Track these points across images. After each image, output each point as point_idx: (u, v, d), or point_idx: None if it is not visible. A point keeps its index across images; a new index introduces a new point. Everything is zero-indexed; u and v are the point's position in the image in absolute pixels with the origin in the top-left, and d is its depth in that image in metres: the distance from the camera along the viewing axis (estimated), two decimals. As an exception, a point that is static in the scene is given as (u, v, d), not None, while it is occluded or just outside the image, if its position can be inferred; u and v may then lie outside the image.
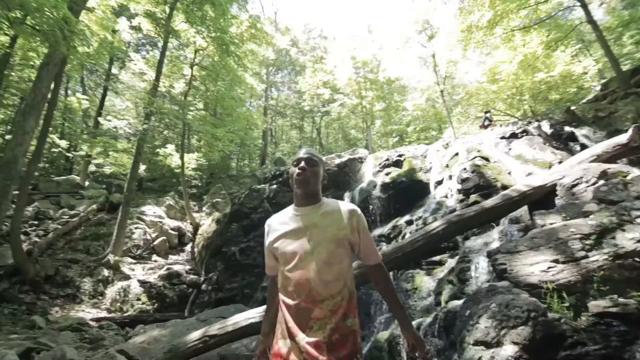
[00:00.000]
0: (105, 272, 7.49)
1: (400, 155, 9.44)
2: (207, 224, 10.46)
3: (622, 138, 4.89)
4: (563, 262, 2.94)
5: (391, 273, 6.46)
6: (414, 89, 22.32)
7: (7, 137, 13.22)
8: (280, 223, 1.52)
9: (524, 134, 7.48)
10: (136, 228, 9.51)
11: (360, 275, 4.11)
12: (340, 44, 21.15)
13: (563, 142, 7.09)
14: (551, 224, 3.54)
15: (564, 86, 12.40)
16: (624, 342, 2.26)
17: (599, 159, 4.88)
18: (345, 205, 1.53)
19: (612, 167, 4.22)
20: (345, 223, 1.44)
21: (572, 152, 6.51)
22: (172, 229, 10.30)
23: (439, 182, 7.81)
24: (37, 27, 6.74)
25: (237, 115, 15.29)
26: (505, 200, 4.71)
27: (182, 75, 15.19)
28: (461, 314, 3.16)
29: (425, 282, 5.73)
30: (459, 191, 6.79)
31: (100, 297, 6.99)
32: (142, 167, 11.56)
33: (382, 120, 21.31)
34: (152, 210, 10.53)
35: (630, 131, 4.86)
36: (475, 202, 5.91)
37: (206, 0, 11.19)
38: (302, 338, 1.28)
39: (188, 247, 10.23)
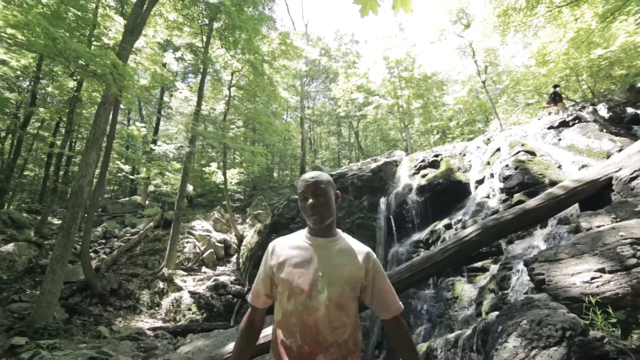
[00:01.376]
0: (161, 285, 8.20)
1: (436, 155, 9.01)
2: (250, 235, 10.93)
3: (696, 117, 4.15)
4: (610, 272, 2.56)
5: (430, 280, 6.17)
6: (454, 82, 21.13)
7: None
8: (290, 248, 1.35)
9: (576, 121, 6.68)
10: (187, 242, 10.28)
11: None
12: (372, 46, 20.89)
13: (625, 126, 6.20)
14: (598, 226, 3.11)
15: (628, 60, 10.81)
16: (686, 368, 1.90)
17: (667, 144, 4.19)
18: (361, 246, 1.39)
19: (681, 154, 3.60)
20: (361, 264, 1.30)
21: (636, 137, 5.66)
22: (218, 242, 10.95)
23: (480, 182, 7.30)
24: (95, 72, 7.77)
25: (274, 129, 15.88)
26: (550, 200, 4.24)
27: (223, 96, 16.26)
28: (494, 330, 2.91)
29: (466, 290, 5.38)
30: (502, 190, 6.28)
31: (156, 308, 7.67)
32: (190, 187, 12.50)
33: (421, 118, 20.52)
34: (200, 225, 11.32)
35: None
36: (519, 202, 5.42)
37: (236, 27, 11.88)
38: None
39: (234, 258, 10.78)
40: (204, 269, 9.91)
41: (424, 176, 8.41)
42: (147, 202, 15.67)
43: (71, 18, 9.44)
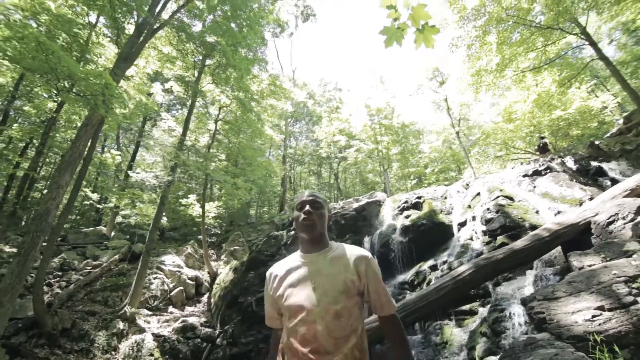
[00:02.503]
0: (121, 325, 7.33)
1: (419, 197, 9.24)
2: (225, 272, 10.29)
3: (656, 170, 4.59)
4: (610, 310, 2.60)
5: (417, 324, 5.95)
6: (429, 132, 22.59)
7: (45, 191, 14.23)
8: (284, 270, 1.43)
9: (548, 171, 7.20)
10: (155, 278, 9.48)
11: (377, 328, 3.81)
12: (354, 95, 22.32)
13: (591, 177, 6.74)
14: (590, 265, 3.21)
15: (583, 122, 12.14)
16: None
17: (633, 193, 4.56)
18: (354, 250, 1.43)
19: (651, 202, 3.91)
20: (352, 268, 1.34)
21: (602, 187, 6.14)
22: (189, 279, 10.18)
23: (462, 224, 7.47)
24: (81, 94, 7.59)
25: (257, 164, 15.86)
26: (536, 241, 4.38)
27: (207, 129, 16.27)
28: (498, 373, 2.79)
29: (455, 334, 5.21)
30: (484, 233, 6.44)
31: (113, 352, 6.75)
32: (164, 218, 11.88)
33: (399, 164, 21.39)
34: (171, 260, 10.56)
35: (664, 163, 4.57)
36: (503, 244, 5.55)
37: (229, 65, 12.30)
38: None
39: (205, 298, 9.98)
40: (171, 308, 9.05)
41: (407, 217, 8.52)
42: (112, 233, 14.60)
43: (63, 40, 9.42)
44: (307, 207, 1.42)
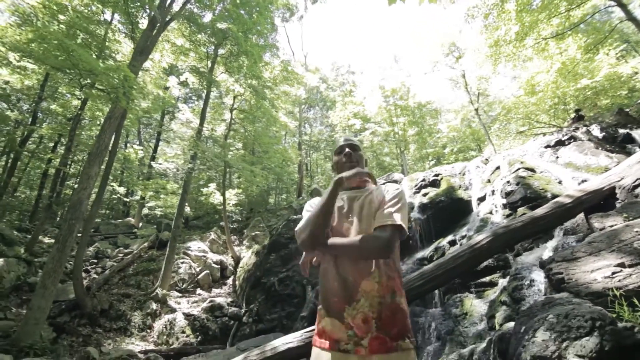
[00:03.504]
0: (154, 306, 7.81)
1: (436, 175, 9.12)
2: (247, 256, 10.66)
3: (689, 130, 4.35)
4: (630, 266, 2.56)
5: (436, 297, 6.01)
6: (447, 111, 21.97)
7: (76, 186, 15.07)
8: None
9: (572, 140, 6.92)
10: (182, 263, 9.96)
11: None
12: (368, 77, 21.89)
13: (619, 145, 6.43)
14: (611, 226, 3.14)
15: (612, 90, 11.45)
16: None
17: (663, 155, 4.34)
18: (389, 185, 1.50)
19: (681, 162, 3.72)
20: (380, 198, 1.39)
21: (630, 154, 5.85)
22: (215, 263, 10.63)
23: (482, 199, 7.36)
24: (103, 89, 7.90)
25: (273, 152, 16.07)
26: (557, 208, 4.28)
27: (223, 120, 16.56)
28: (516, 331, 2.82)
29: (475, 305, 5.23)
30: (504, 206, 6.33)
31: (148, 330, 7.25)
32: (187, 208, 12.35)
33: (416, 145, 21.01)
34: (196, 246, 11.03)
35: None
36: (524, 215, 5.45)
37: (242, 52, 12.38)
38: (349, 313, 1.21)
39: (230, 280, 10.42)
40: (198, 290, 9.52)
41: (425, 195, 8.45)
42: (140, 224, 15.34)
43: (82, 39, 9.76)
44: (347, 150, 1.52)
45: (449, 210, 7.64)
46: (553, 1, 10.55)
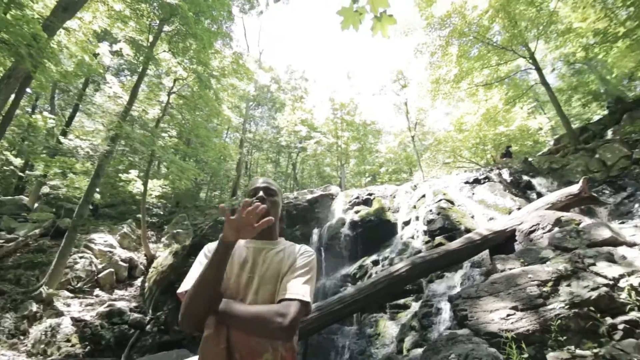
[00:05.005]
0: (34, 307, 6.53)
1: (370, 194, 9.48)
2: (164, 256, 9.69)
3: (574, 188, 5.16)
4: (522, 310, 2.84)
5: (354, 316, 6.12)
6: (387, 133, 23.35)
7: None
8: None
9: (487, 180, 7.79)
10: (81, 257, 8.60)
11: (316, 319, 3.81)
12: (320, 86, 22.16)
13: (521, 189, 7.42)
14: (510, 268, 3.49)
15: (522, 139, 13.39)
16: (584, 399, 2.11)
17: (554, 206, 5.07)
18: (303, 247, 1.33)
19: (566, 215, 4.36)
20: (290, 261, 1.23)
21: (529, 199, 6.79)
22: (122, 260, 9.42)
23: (407, 223, 7.81)
24: (6, 42, 6.47)
25: (211, 145, 15.08)
26: (468, 243, 4.70)
27: (158, 102, 15.02)
28: (420, 365, 2.93)
29: (388, 327, 5.44)
30: (425, 232, 6.79)
31: (21, 337, 6.00)
32: (98, 194, 10.79)
33: (356, 160, 21.84)
34: (103, 239, 9.66)
35: (580, 182, 5.15)
36: (440, 244, 5.89)
37: (190, 34, 11.41)
38: None
39: (138, 281, 9.32)
40: (97, 291, 8.29)
41: (357, 212, 8.69)
42: (35, 205, 12.99)
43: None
44: (261, 193, 1.33)
45: (376, 230, 7.94)
46: (487, 54, 11.98)
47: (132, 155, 14.16)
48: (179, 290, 1.19)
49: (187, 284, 1.19)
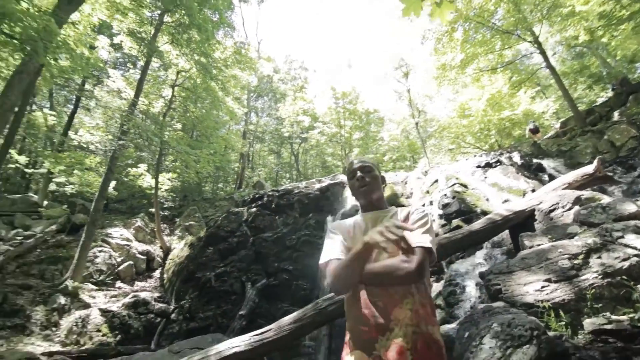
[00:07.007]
0: (62, 300, 6.70)
1: (381, 181, 9.62)
2: (179, 248, 9.86)
3: (589, 168, 5.31)
4: (555, 282, 3.01)
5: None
6: (390, 121, 23.37)
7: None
8: (348, 225, 1.45)
9: (498, 164, 7.93)
10: (100, 251, 8.75)
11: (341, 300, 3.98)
12: (320, 76, 22.09)
13: (533, 172, 7.58)
14: (538, 245, 3.66)
15: (526, 123, 13.49)
16: (623, 358, 2.29)
17: (570, 186, 5.23)
18: (413, 207, 1.48)
19: (585, 194, 4.52)
20: (407, 219, 1.36)
21: (542, 181, 6.96)
22: (140, 253, 9.58)
23: (420, 208, 7.98)
24: (15, 36, 6.43)
25: (215, 137, 15.11)
26: (490, 224, 4.85)
27: (161, 96, 14.95)
28: (460, 336, 3.09)
29: (411, 307, 5.66)
30: (441, 216, 6.95)
31: (54, 329, 6.18)
32: (112, 186, 10.87)
33: (359, 149, 21.91)
34: (119, 233, 9.80)
35: (595, 162, 5.30)
36: (457, 227, 6.06)
37: (192, 25, 11.31)
38: (382, 344, 1.11)
39: (157, 273, 9.51)
40: (119, 283, 8.48)
41: (370, 199, 8.84)
42: (45, 202, 13.04)
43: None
44: (359, 174, 1.44)
45: (391, 216, 8.12)
46: (491, 39, 11.99)
47: (139, 150, 14.17)
48: (321, 261, 1.34)
49: (326, 255, 1.33)
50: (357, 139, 20.95)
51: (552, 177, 6.99)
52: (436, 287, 5.62)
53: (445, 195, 7.12)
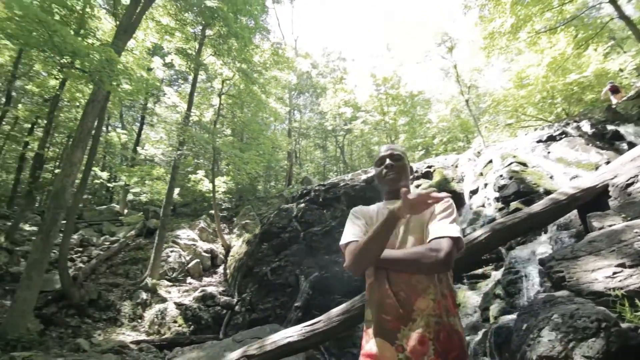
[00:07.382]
0: (144, 295, 7.69)
1: (429, 167, 9.20)
2: (238, 245, 10.58)
3: (679, 131, 4.48)
4: (631, 266, 2.64)
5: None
6: (437, 101, 22.07)
7: (57, 171, 14.39)
8: (372, 211, 1.47)
9: (563, 136, 7.07)
10: (171, 251, 9.79)
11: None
12: (359, 64, 21.65)
13: (608, 141, 6.61)
14: (610, 225, 3.23)
15: (599, 85, 11.71)
16: None
17: (654, 155, 4.47)
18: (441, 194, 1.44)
19: (673, 162, 3.85)
20: (430, 209, 1.29)
21: (619, 151, 6.04)
22: (205, 252, 10.51)
23: (474, 192, 7.48)
24: (85, 70, 7.42)
25: (263, 138, 15.78)
26: (553, 205, 4.37)
27: (211, 105, 16.05)
28: (517, 328, 2.89)
29: (468, 297, 5.38)
30: (497, 199, 6.45)
31: (139, 320, 7.15)
32: (176, 192, 12.05)
33: (406, 135, 21.10)
34: (186, 234, 10.85)
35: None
36: (517, 209, 5.57)
37: (231, 34, 11.88)
38: (404, 334, 1.13)
39: (220, 269, 10.35)
40: (189, 279, 9.43)
41: (417, 186, 8.53)
42: (125, 210, 14.92)
43: (59, 14, 9.10)
44: (388, 161, 1.46)
45: (441, 202, 7.75)
46: (547, -6, 10.56)
47: (196, 158, 15.41)
48: (341, 243, 1.38)
49: (346, 237, 1.36)
50: (402, 124, 20.18)
51: (631, 145, 6.01)
52: (494, 275, 5.27)
53: (501, 176, 6.58)
